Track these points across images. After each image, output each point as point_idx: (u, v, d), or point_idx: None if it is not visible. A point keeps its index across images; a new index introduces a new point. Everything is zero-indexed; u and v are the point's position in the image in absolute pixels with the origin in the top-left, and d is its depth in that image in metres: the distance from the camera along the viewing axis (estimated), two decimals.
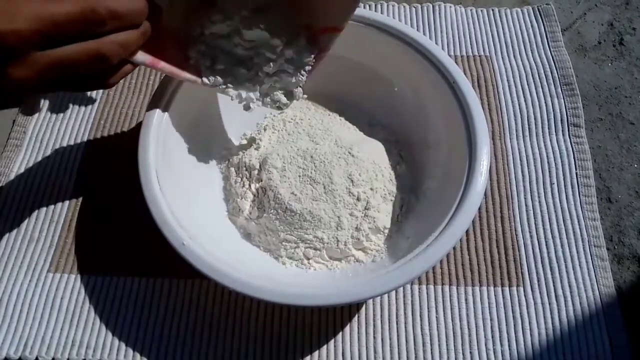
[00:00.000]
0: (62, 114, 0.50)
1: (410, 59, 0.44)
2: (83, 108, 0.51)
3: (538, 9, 0.57)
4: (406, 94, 0.46)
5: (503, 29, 0.56)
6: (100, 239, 0.44)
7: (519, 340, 0.40)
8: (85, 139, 0.49)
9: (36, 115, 0.50)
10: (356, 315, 0.41)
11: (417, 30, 0.55)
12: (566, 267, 0.43)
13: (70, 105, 0.51)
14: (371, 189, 0.42)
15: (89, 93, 0.51)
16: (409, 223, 0.42)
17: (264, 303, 0.41)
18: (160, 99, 0.41)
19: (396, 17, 0.56)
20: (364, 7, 0.56)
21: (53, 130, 0.49)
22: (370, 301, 0.42)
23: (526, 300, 0.42)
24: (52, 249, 0.43)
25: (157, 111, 0.40)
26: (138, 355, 0.39)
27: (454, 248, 0.43)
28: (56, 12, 0.25)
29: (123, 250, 0.43)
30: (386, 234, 0.42)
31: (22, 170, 0.47)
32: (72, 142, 0.49)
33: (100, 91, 0.51)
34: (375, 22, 0.44)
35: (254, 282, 0.34)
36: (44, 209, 0.45)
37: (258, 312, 0.41)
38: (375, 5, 0.57)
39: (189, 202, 0.40)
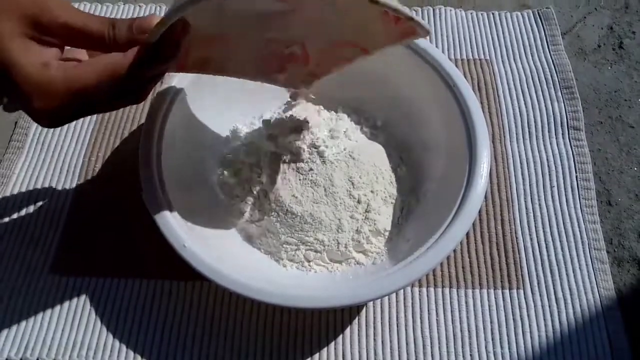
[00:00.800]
0: None
1: (410, 62, 0.44)
2: None
3: (538, 12, 0.57)
4: (406, 97, 0.46)
5: (503, 32, 0.56)
6: (101, 241, 0.44)
7: (519, 343, 0.40)
8: (86, 142, 0.49)
9: None
10: (356, 318, 0.41)
11: None
12: (566, 269, 0.43)
13: None
14: (372, 191, 0.42)
15: None
16: (410, 225, 0.42)
17: (265, 305, 0.41)
18: (161, 102, 0.41)
19: None
20: None
21: (55, 132, 0.49)
22: (371, 303, 0.42)
23: (526, 302, 0.42)
24: (53, 250, 0.44)
25: (158, 115, 0.41)
26: (139, 357, 0.39)
27: (454, 250, 0.43)
28: (86, 82, 0.27)
29: (124, 252, 0.44)
30: (386, 237, 0.42)
31: (23, 172, 0.47)
32: (73, 145, 0.49)
33: None
34: None
35: (255, 284, 0.34)
36: (45, 211, 0.45)
37: (258, 314, 0.41)
38: None
39: (189, 205, 0.41)
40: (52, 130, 0.50)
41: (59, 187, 0.47)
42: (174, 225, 0.36)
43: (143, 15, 0.56)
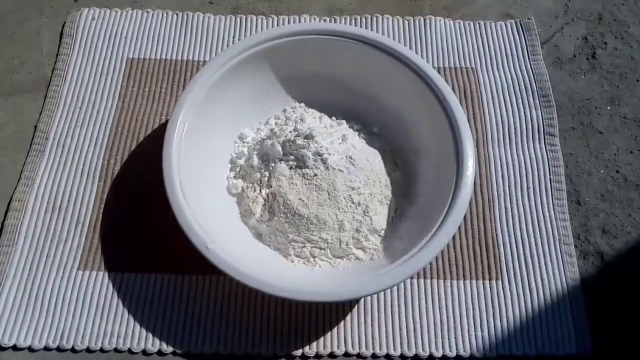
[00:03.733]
0: (81, 121, 0.54)
1: (404, 77, 0.48)
2: (100, 115, 0.54)
3: (520, 22, 0.62)
4: (401, 109, 0.50)
5: (488, 41, 0.60)
6: (124, 239, 0.48)
7: (497, 327, 0.46)
8: (104, 145, 0.53)
9: (57, 121, 0.53)
10: (355, 306, 0.47)
11: (409, 42, 0.60)
12: (539, 262, 0.49)
13: (89, 112, 0.54)
14: (370, 194, 0.47)
15: (105, 100, 0.55)
16: (403, 225, 0.47)
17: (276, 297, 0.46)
18: (178, 114, 0.45)
19: (390, 30, 0.60)
20: (364, 24, 0.61)
21: (74, 136, 0.53)
22: None
23: (504, 291, 0.48)
24: (80, 248, 0.48)
25: (176, 125, 0.45)
26: (164, 344, 0.44)
27: None
28: None
29: (146, 249, 0.48)
30: (382, 235, 0.47)
31: (46, 174, 0.51)
32: (92, 148, 0.52)
33: (116, 98, 0.55)
34: (375, 42, 0.49)
35: (270, 281, 0.39)
36: (70, 211, 0.49)
37: (269, 304, 0.46)
38: (371, 18, 0.61)
39: (207, 207, 0.45)
40: (71, 134, 0.53)
41: (81, 189, 0.50)
42: (197, 229, 0.41)
43: (151, 21, 0.59)
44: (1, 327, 0.44)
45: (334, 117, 0.53)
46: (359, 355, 0.45)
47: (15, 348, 0.44)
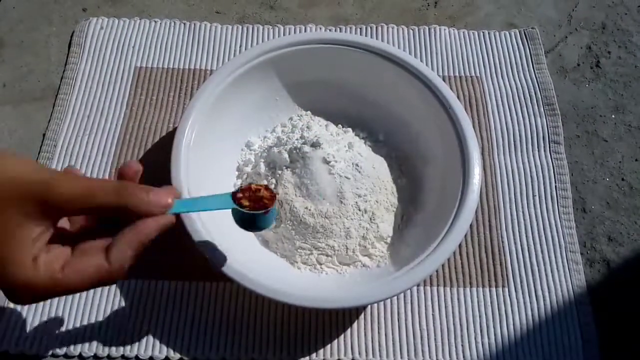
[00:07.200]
0: (89, 129, 0.54)
1: (411, 85, 0.49)
2: (109, 123, 0.55)
3: (524, 32, 0.62)
4: (406, 116, 0.51)
5: (492, 50, 0.61)
6: None
7: (504, 334, 0.46)
8: (112, 152, 0.53)
9: (65, 129, 0.54)
10: (362, 314, 0.47)
11: (414, 51, 0.60)
12: (545, 270, 0.49)
13: (97, 121, 0.55)
14: (376, 201, 0.47)
15: (113, 109, 0.55)
16: (409, 232, 0.48)
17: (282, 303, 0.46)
18: (186, 122, 0.46)
19: (395, 39, 0.61)
20: (369, 34, 0.61)
21: (82, 144, 0.53)
22: None
23: (510, 299, 0.48)
24: None
25: (184, 134, 0.45)
26: (171, 351, 0.44)
27: None
28: (70, 286, 0.29)
29: (153, 256, 0.48)
30: (389, 242, 0.48)
31: None
32: (100, 155, 0.53)
33: (124, 107, 0.56)
34: (380, 51, 0.49)
35: (277, 287, 0.39)
36: None
37: (276, 310, 0.46)
38: (377, 27, 0.62)
39: (214, 214, 0.45)
40: (79, 141, 0.53)
41: None
42: (204, 235, 0.41)
43: (159, 30, 0.60)
44: (7, 335, 0.44)
45: (340, 125, 0.53)
46: None
47: (21, 355, 0.44)
